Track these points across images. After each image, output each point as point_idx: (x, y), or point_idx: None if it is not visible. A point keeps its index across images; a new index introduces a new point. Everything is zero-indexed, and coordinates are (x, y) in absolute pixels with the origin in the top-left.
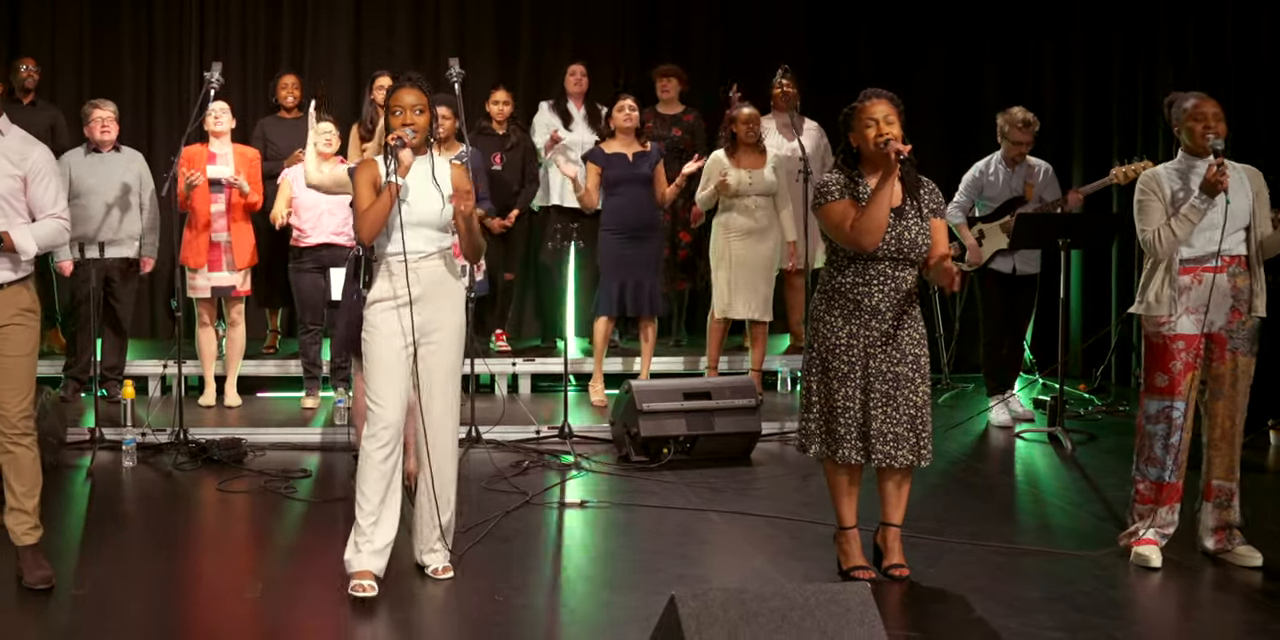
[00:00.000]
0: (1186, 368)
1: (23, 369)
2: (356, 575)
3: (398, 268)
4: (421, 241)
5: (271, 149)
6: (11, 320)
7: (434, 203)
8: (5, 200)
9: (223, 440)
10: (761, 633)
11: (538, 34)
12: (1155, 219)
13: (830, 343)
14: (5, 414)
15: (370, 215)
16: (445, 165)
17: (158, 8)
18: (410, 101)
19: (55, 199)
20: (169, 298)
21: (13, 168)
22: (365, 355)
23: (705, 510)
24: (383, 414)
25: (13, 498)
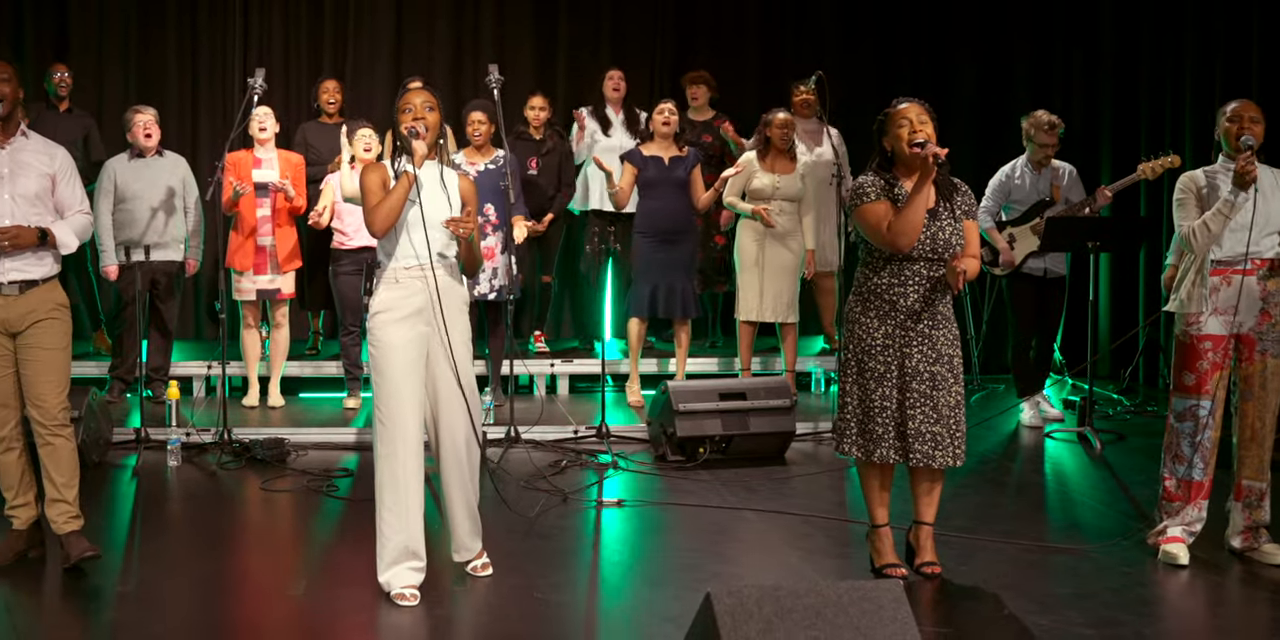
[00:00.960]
0: (1214, 367)
1: (59, 362)
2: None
3: (402, 275)
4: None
5: (313, 153)
6: (48, 315)
7: (444, 207)
8: (39, 199)
9: (266, 440)
10: (796, 629)
11: (575, 40)
12: (1192, 215)
13: (866, 343)
14: (44, 406)
15: (385, 205)
16: (451, 174)
17: (202, 14)
18: (419, 101)
19: (81, 197)
20: (213, 300)
21: (44, 168)
22: (374, 371)
23: (740, 509)
24: (398, 432)
25: (53, 488)
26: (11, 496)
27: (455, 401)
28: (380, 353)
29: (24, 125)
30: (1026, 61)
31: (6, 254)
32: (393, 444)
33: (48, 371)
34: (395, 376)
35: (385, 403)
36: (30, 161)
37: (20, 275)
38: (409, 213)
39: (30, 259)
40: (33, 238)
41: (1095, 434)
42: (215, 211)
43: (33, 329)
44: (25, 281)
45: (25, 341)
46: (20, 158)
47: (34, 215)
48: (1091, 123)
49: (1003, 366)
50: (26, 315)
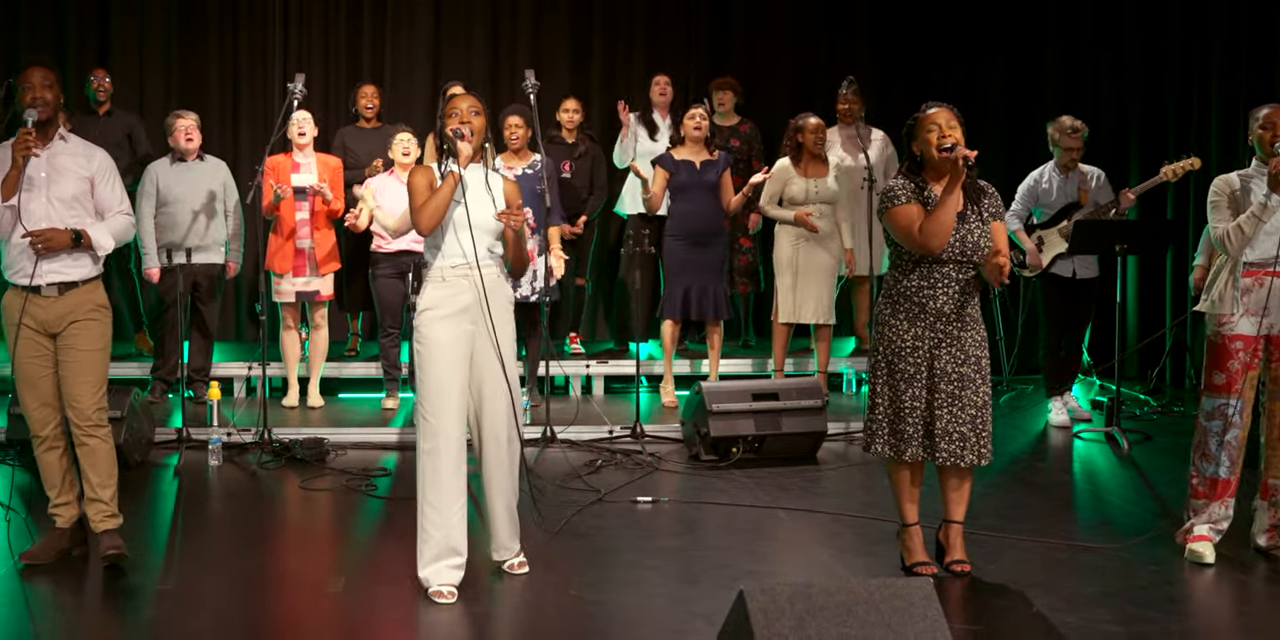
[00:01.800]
0: (1244, 367)
1: (96, 363)
2: (439, 584)
3: (449, 274)
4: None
5: (351, 157)
6: (87, 316)
7: (487, 209)
8: (78, 201)
9: (305, 440)
10: (828, 626)
11: (609, 46)
12: (1226, 218)
13: (896, 345)
14: (79, 407)
15: (431, 204)
16: (496, 177)
17: (242, 21)
18: (465, 106)
19: (121, 198)
20: (254, 302)
21: (82, 170)
22: (418, 368)
23: (773, 508)
24: (441, 428)
25: (90, 488)
26: (54, 495)
27: (499, 401)
28: (425, 349)
29: (63, 129)
30: (1054, 66)
31: (43, 256)
32: (435, 440)
33: (84, 372)
34: (440, 373)
35: (429, 399)
36: (68, 164)
37: (58, 277)
38: (454, 213)
39: (67, 261)
40: (66, 240)
41: (1123, 434)
42: (255, 215)
43: (71, 329)
44: (63, 283)
45: (63, 342)
46: (58, 161)
47: (72, 217)
48: (1119, 126)
49: (1035, 367)
50: (65, 316)
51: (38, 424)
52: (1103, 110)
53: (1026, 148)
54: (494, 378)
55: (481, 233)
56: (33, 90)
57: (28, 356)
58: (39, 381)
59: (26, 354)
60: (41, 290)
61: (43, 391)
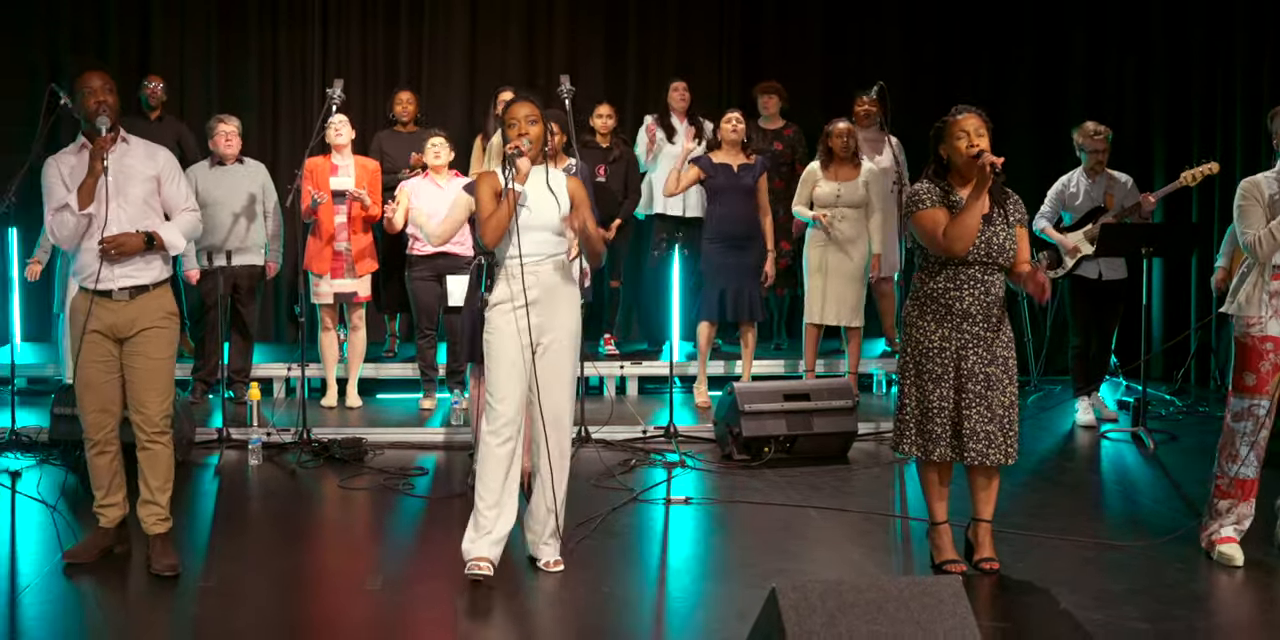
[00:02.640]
0: (1275, 368)
1: (165, 371)
2: (474, 559)
3: (516, 271)
4: (540, 245)
5: (388, 161)
6: (156, 323)
7: (550, 209)
8: (146, 203)
9: (344, 439)
10: (858, 623)
11: (643, 51)
12: (1256, 222)
13: (924, 346)
14: (147, 414)
15: (492, 222)
16: (560, 175)
17: (282, 27)
18: (524, 113)
19: (186, 196)
20: (293, 303)
21: (148, 170)
22: (486, 354)
23: (804, 506)
24: (503, 410)
25: (147, 491)
26: (101, 496)
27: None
28: (493, 337)
29: (123, 131)
30: (1080, 71)
31: (114, 260)
32: (496, 423)
33: (153, 380)
34: (503, 359)
35: (494, 386)
36: (134, 165)
37: (130, 281)
38: (519, 216)
39: (139, 264)
40: (139, 243)
41: (1148, 434)
42: (294, 217)
43: (141, 337)
44: (135, 287)
45: (132, 349)
46: (124, 164)
47: (142, 219)
48: (1144, 130)
49: (1062, 368)
50: (135, 321)
51: (93, 428)
52: (1127, 114)
53: (1054, 152)
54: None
55: (543, 232)
56: (95, 95)
57: (91, 360)
58: (100, 386)
59: (91, 358)
60: (113, 294)
61: (103, 396)
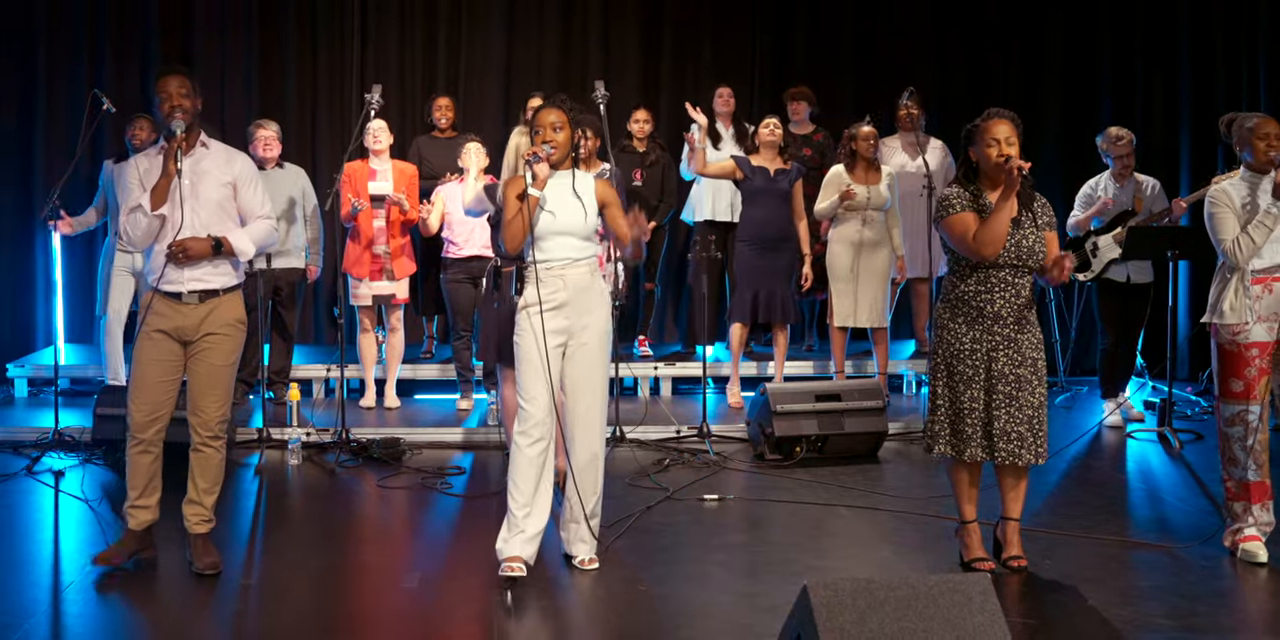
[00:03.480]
0: (1261, 373)
1: (226, 377)
2: (508, 559)
3: (544, 275)
4: (566, 250)
5: (426, 166)
6: (222, 330)
7: (576, 214)
8: (220, 207)
9: (382, 439)
10: (888, 620)
11: (677, 58)
12: (1231, 228)
13: (955, 348)
14: (205, 417)
15: (510, 228)
16: (588, 179)
17: (321, 33)
18: (550, 120)
19: (262, 202)
20: (332, 305)
21: (223, 176)
22: (517, 356)
23: (835, 505)
24: (533, 411)
25: (194, 491)
26: (135, 496)
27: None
28: (523, 340)
29: (204, 136)
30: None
31: (184, 264)
32: (526, 424)
33: (215, 385)
34: (534, 363)
35: (524, 388)
36: (210, 170)
37: (200, 285)
38: (542, 221)
39: (208, 268)
40: (206, 248)
41: (1174, 434)
42: (334, 221)
43: (206, 341)
44: (205, 291)
45: (196, 353)
46: (200, 168)
47: (216, 224)
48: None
49: (1089, 369)
50: (202, 326)
51: (140, 426)
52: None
53: (1082, 157)
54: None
55: (572, 237)
56: (170, 99)
57: (152, 359)
58: (156, 386)
59: (151, 356)
60: (182, 297)
61: (156, 396)
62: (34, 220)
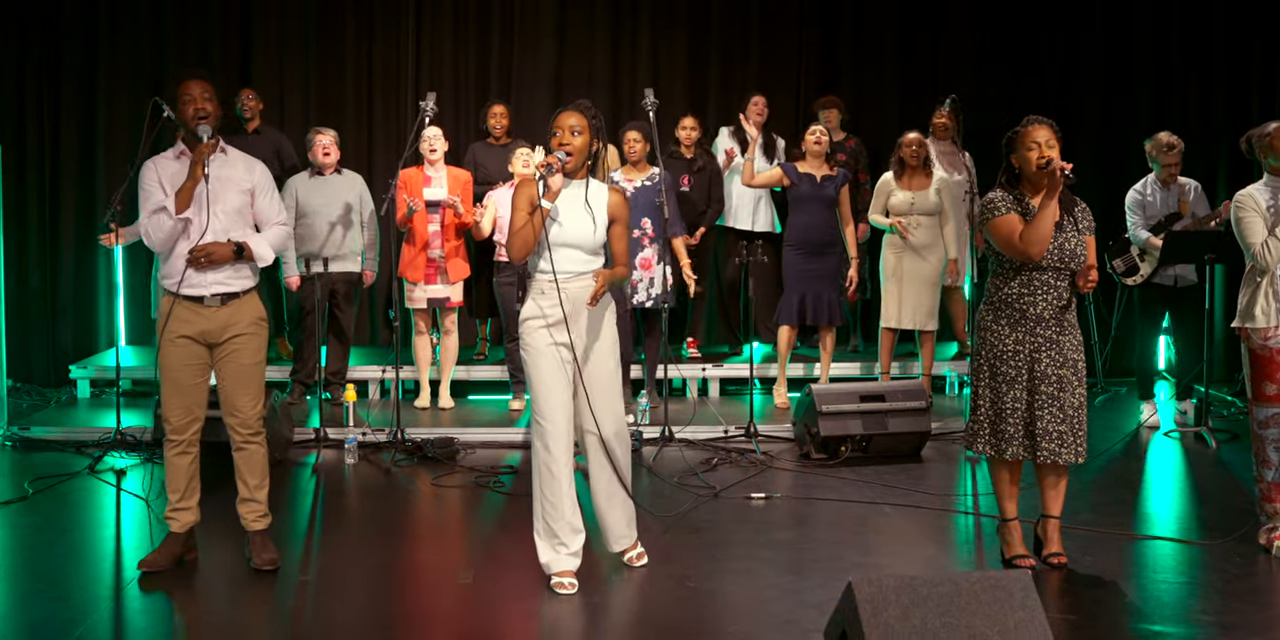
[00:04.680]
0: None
1: (257, 375)
2: (559, 573)
3: (547, 287)
4: (569, 262)
5: (481, 172)
6: (247, 329)
7: (584, 226)
8: (240, 213)
9: (437, 439)
10: (931, 615)
11: (725, 66)
12: (1259, 232)
13: (998, 349)
14: (243, 417)
15: (518, 238)
16: (602, 191)
17: (378, 42)
18: (570, 123)
19: (278, 209)
20: (388, 308)
21: (244, 182)
22: (526, 373)
23: (879, 503)
24: (550, 429)
25: (245, 489)
26: (176, 499)
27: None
28: (529, 356)
29: (222, 141)
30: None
31: (203, 268)
32: (545, 439)
33: (248, 384)
34: (545, 378)
35: (538, 402)
36: (231, 176)
37: (222, 288)
38: (551, 232)
39: (229, 272)
40: (228, 253)
41: (1211, 433)
42: (389, 226)
43: (233, 342)
44: (226, 294)
45: (225, 354)
46: (221, 173)
47: (234, 229)
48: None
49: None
50: (227, 328)
51: (176, 429)
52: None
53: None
54: (596, 381)
55: (578, 250)
56: (194, 102)
57: (181, 364)
58: (188, 389)
59: (180, 361)
60: (205, 300)
61: (189, 399)
62: (96, 226)
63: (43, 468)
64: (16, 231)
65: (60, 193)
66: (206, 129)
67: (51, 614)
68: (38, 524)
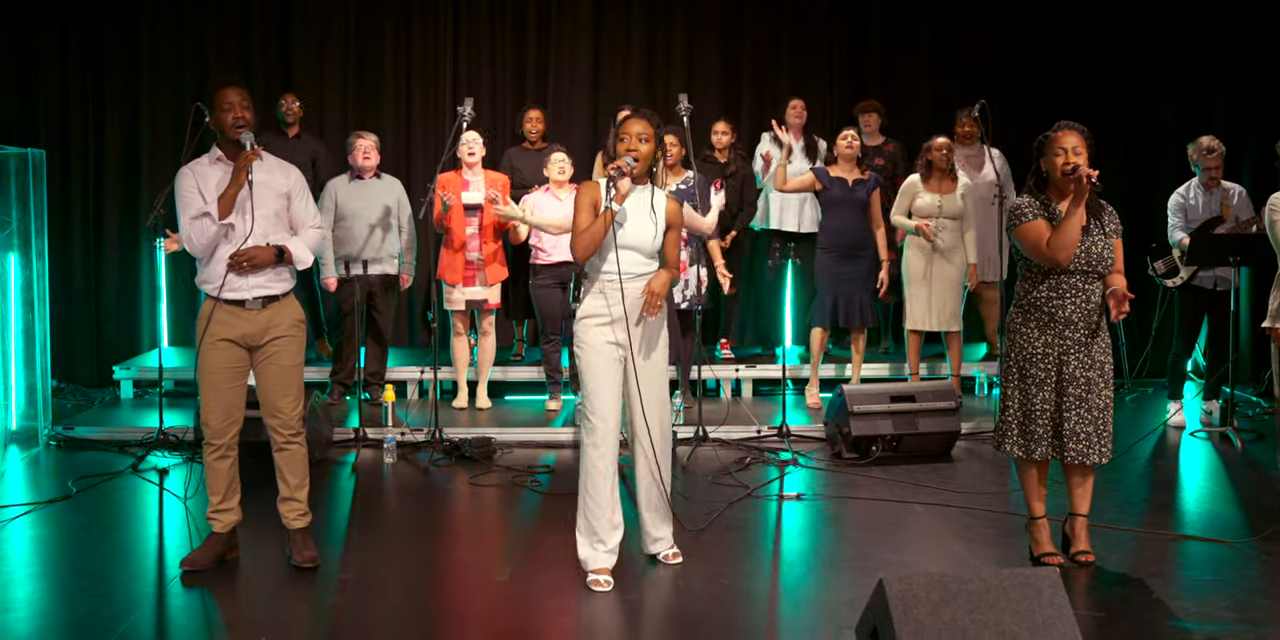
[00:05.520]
0: None
1: (297, 377)
2: (595, 571)
3: (608, 287)
4: (631, 264)
5: (518, 176)
6: (287, 332)
7: (647, 230)
8: (278, 217)
9: (474, 439)
10: (961, 612)
11: (758, 71)
12: None
13: (1027, 352)
14: (284, 417)
15: (585, 237)
16: (662, 196)
17: (415, 48)
18: (637, 130)
19: (313, 213)
20: (426, 310)
21: (280, 187)
22: (581, 370)
23: (909, 502)
24: (599, 425)
25: (286, 488)
26: (217, 501)
27: (652, 401)
28: (583, 353)
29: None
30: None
31: (244, 272)
32: (594, 435)
33: (288, 386)
34: (597, 375)
35: (589, 399)
36: (268, 181)
37: (263, 292)
38: (614, 233)
39: (269, 276)
40: (270, 257)
41: (1237, 433)
42: (427, 229)
43: (273, 345)
44: (267, 297)
45: (265, 357)
46: (258, 178)
47: (274, 233)
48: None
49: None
50: (267, 330)
51: (215, 433)
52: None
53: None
54: (647, 381)
55: (639, 253)
56: (233, 110)
57: (221, 367)
58: (227, 392)
59: (220, 364)
60: (246, 304)
61: (228, 402)
62: (139, 228)
63: (86, 467)
64: (60, 234)
65: (104, 194)
66: (249, 137)
67: (95, 611)
68: (81, 522)
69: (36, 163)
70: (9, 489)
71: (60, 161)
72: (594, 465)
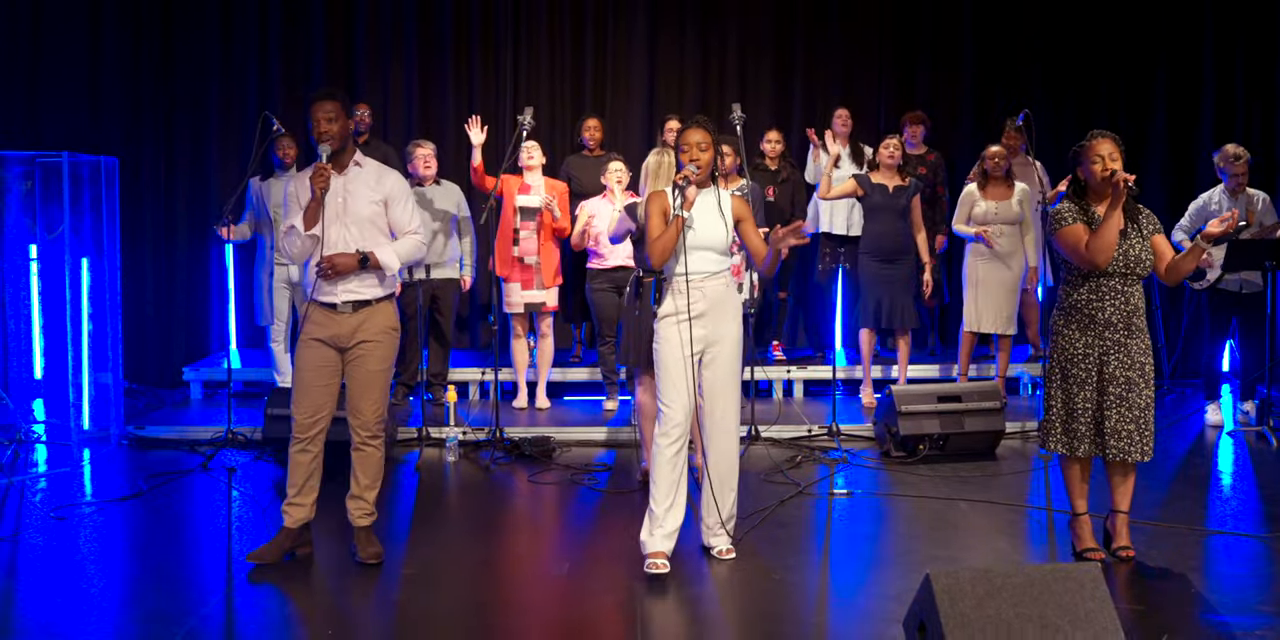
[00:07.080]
0: None
1: (382, 381)
2: (651, 555)
3: (683, 287)
4: (705, 263)
5: (576, 184)
6: (376, 337)
7: (718, 230)
8: (370, 223)
9: (534, 438)
10: (1005, 606)
11: (809, 82)
12: None
13: (1069, 353)
14: (364, 418)
15: (660, 244)
16: (727, 196)
17: (477, 59)
18: (696, 140)
19: (411, 218)
20: (487, 313)
21: (373, 194)
22: (656, 363)
23: (956, 499)
24: (671, 414)
25: (356, 487)
26: (294, 493)
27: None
28: (662, 348)
29: (359, 155)
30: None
31: (330, 278)
32: (666, 425)
33: (372, 389)
34: (671, 369)
35: (664, 392)
36: (360, 189)
37: (352, 296)
38: (686, 237)
39: (357, 281)
40: (353, 263)
41: (1273, 432)
42: (488, 234)
43: (361, 348)
44: (357, 301)
45: (353, 359)
46: (352, 187)
47: (368, 239)
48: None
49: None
50: (357, 333)
51: (302, 428)
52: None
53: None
54: (721, 380)
55: (712, 252)
56: (317, 125)
57: (312, 366)
58: (315, 390)
59: (311, 363)
60: (337, 307)
61: (316, 399)
62: (209, 233)
63: (157, 465)
64: (132, 238)
65: (174, 198)
66: (326, 149)
67: (166, 605)
68: (152, 519)
69: (109, 170)
70: (82, 487)
71: (132, 166)
72: (661, 452)
